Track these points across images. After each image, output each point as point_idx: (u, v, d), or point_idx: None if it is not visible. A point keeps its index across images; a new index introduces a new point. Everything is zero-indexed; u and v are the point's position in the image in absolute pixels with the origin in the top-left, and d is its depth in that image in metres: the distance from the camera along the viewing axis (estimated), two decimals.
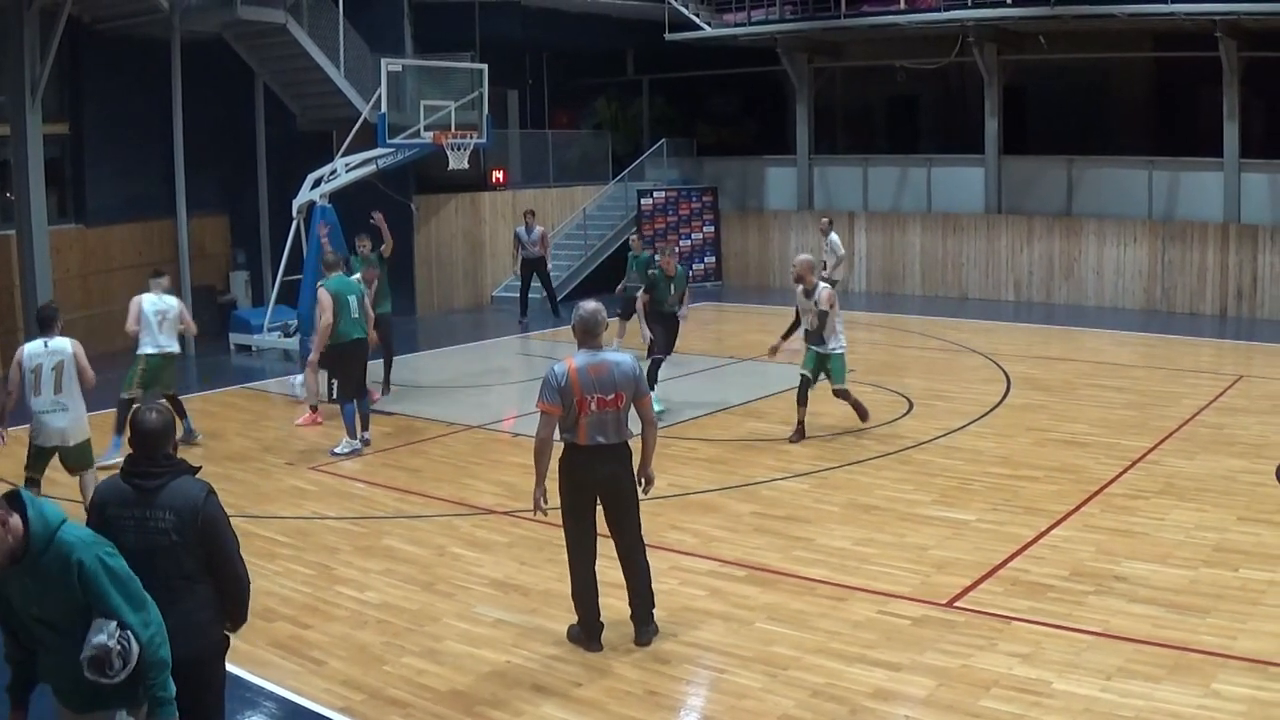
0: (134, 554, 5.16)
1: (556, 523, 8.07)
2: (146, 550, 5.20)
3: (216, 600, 5.41)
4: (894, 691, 7.09)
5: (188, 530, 5.22)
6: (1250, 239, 22.00)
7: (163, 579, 5.21)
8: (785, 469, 12.07)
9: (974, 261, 25.36)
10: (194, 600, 5.30)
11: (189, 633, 5.23)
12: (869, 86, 29.96)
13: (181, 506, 5.23)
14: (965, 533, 9.98)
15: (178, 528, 5.21)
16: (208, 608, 5.35)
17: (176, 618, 5.17)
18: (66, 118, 20.62)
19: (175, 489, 5.27)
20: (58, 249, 18.80)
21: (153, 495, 5.24)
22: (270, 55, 22.25)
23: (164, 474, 5.30)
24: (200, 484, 5.37)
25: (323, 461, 12.95)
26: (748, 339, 19.61)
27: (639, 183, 28.51)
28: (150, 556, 5.20)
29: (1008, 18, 23.44)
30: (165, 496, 5.24)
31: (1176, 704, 6.74)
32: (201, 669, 5.38)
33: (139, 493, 5.27)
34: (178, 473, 5.35)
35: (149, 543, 5.21)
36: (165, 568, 5.23)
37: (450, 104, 19.59)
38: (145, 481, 5.27)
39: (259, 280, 23.62)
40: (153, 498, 5.24)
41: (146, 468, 5.32)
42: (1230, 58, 21.75)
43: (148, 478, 5.28)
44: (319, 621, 8.45)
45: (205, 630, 5.36)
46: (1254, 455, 12.11)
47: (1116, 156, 24.62)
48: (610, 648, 7.83)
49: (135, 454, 5.38)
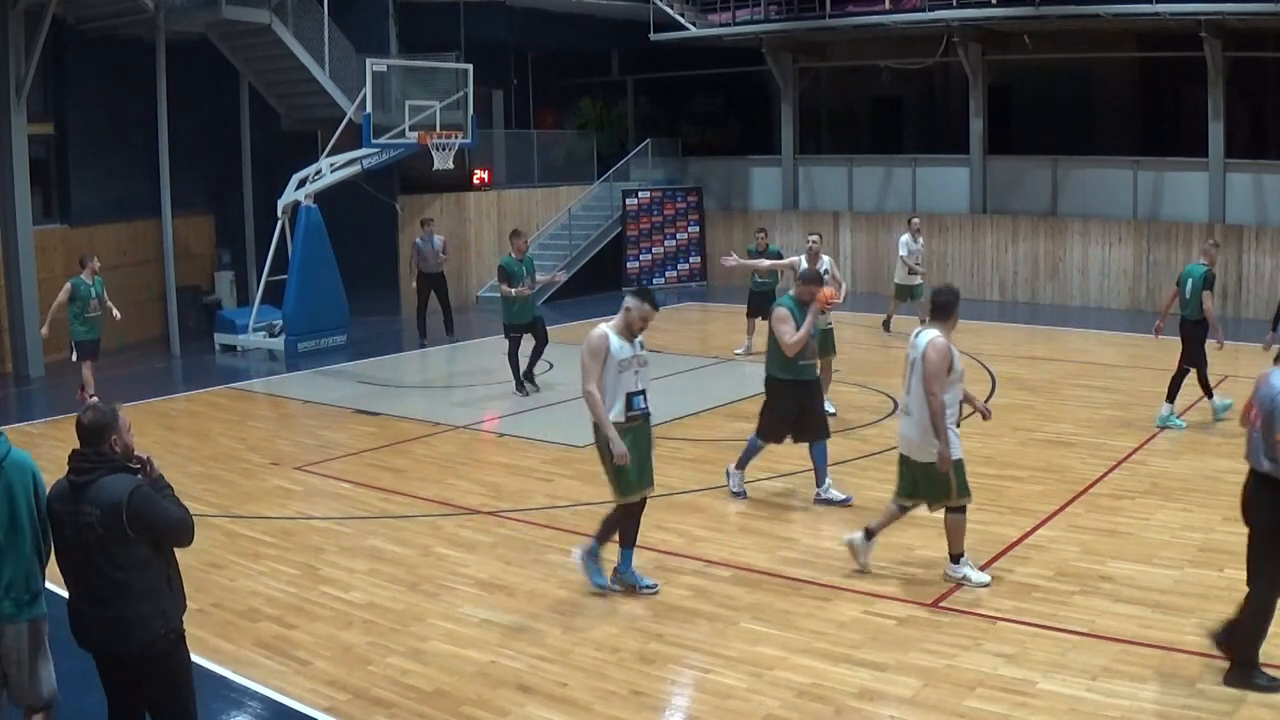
0: (72, 548, 5.36)
1: (542, 522, 8.05)
2: (80, 545, 5.35)
3: (160, 593, 5.44)
4: (879, 691, 7.09)
5: (114, 525, 5.27)
6: (1235, 239, 22.06)
7: (98, 572, 5.33)
8: (770, 469, 12.05)
9: (959, 261, 25.40)
10: (130, 594, 5.36)
11: (128, 626, 5.35)
12: (854, 87, 30.01)
13: (105, 501, 5.29)
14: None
15: (103, 521, 5.28)
16: (147, 601, 5.39)
17: (114, 610, 5.32)
18: (51, 118, 20.53)
19: (103, 484, 5.34)
20: (42, 249, 18.73)
21: (82, 490, 5.35)
22: (255, 55, 22.21)
23: (94, 470, 5.37)
24: (128, 480, 5.40)
25: (305, 461, 12.92)
26: (732, 339, 19.60)
27: (624, 183, 28.52)
28: (84, 550, 5.34)
29: (992, 18, 23.49)
30: (92, 492, 5.33)
31: (1162, 704, 6.75)
32: (146, 662, 5.46)
33: (72, 488, 5.40)
34: (111, 470, 5.40)
35: (80, 537, 5.33)
36: (99, 562, 5.33)
37: (435, 104, 19.59)
38: (77, 477, 5.40)
39: (244, 280, 23.60)
40: (82, 493, 5.35)
41: (78, 463, 5.42)
42: (1215, 58, 21.82)
43: (79, 473, 5.40)
44: (304, 621, 8.43)
45: (145, 623, 5.40)
46: (1239, 455, 12.07)
47: (1101, 156, 24.72)
48: (595, 646, 7.82)
49: (75, 450, 5.48)
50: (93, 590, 5.39)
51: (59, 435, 14.63)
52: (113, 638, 5.42)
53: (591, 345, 8.36)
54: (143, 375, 18.77)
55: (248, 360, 20.02)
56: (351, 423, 15.03)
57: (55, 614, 5.76)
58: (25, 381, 18.15)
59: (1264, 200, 22.31)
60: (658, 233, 28.21)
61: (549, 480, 11.98)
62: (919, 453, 8.65)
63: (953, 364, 8.59)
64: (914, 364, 8.72)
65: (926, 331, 8.79)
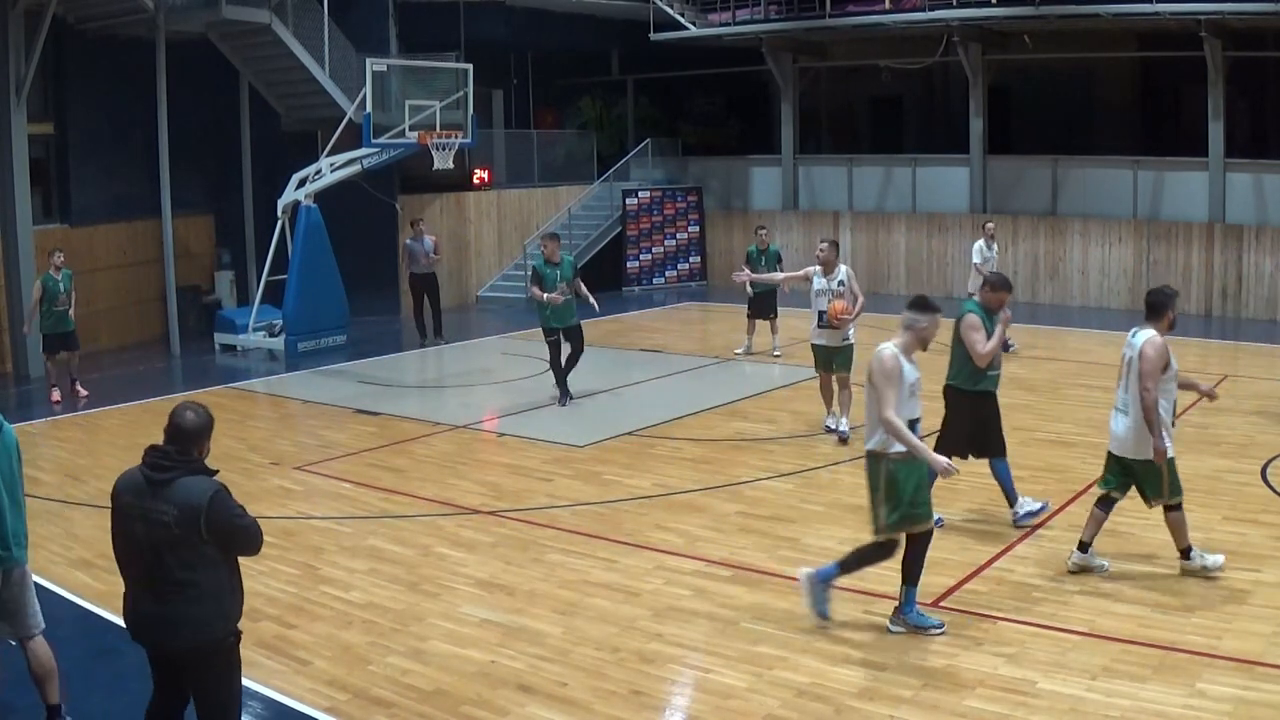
0: (141, 543, 5.39)
1: (542, 522, 8.04)
2: (151, 541, 5.38)
3: (223, 595, 5.50)
4: (879, 691, 7.08)
5: (190, 526, 5.32)
6: (1235, 239, 22.07)
7: (166, 570, 5.37)
8: (770, 469, 12.06)
9: (959, 261, 25.34)
10: (195, 594, 5.41)
11: (189, 624, 5.40)
12: (854, 86, 30.01)
13: (185, 502, 5.34)
14: (951, 532, 9.98)
15: (179, 522, 5.32)
16: (212, 601, 5.45)
17: (177, 608, 5.38)
18: (51, 118, 20.54)
19: (183, 485, 5.39)
20: (42, 249, 18.71)
21: (159, 488, 5.38)
22: (255, 55, 22.21)
23: (174, 469, 5.43)
24: (209, 483, 5.46)
25: (305, 461, 12.93)
26: (732, 339, 19.60)
27: (624, 183, 28.52)
28: (155, 548, 5.38)
29: (992, 18, 23.48)
30: (171, 491, 5.37)
31: (1162, 704, 6.75)
32: (201, 661, 5.52)
33: (149, 484, 5.42)
34: (191, 471, 5.46)
35: (152, 535, 5.37)
36: (168, 561, 5.37)
37: (435, 104, 19.58)
38: (155, 474, 5.42)
39: (244, 280, 23.61)
40: (159, 490, 5.38)
41: (158, 459, 5.46)
42: (1215, 57, 21.82)
43: (158, 470, 5.43)
44: (304, 621, 8.43)
45: (207, 623, 5.46)
46: (1239, 455, 12.15)
47: (1101, 156, 24.72)
48: (595, 646, 7.82)
49: (155, 446, 5.53)
50: (157, 586, 5.44)
51: (59, 435, 14.66)
52: (172, 636, 5.47)
53: (886, 368, 7.75)
54: (143, 375, 18.78)
55: (248, 360, 20.03)
56: (351, 423, 15.03)
57: None
58: (25, 381, 18.15)
59: (1264, 200, 22.30)
60: (658, 232, 28.21)
61: (549, 480, 11.98)
62: (1135, 451, 8.65)
63: (1169, 363, 8.56)
64: (1130, 363, 8.69)
65: (1144, 330, 8.72)
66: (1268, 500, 10.58)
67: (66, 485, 12.04)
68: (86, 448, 13.93)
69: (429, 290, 21.02)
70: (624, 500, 11.21)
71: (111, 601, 8.79)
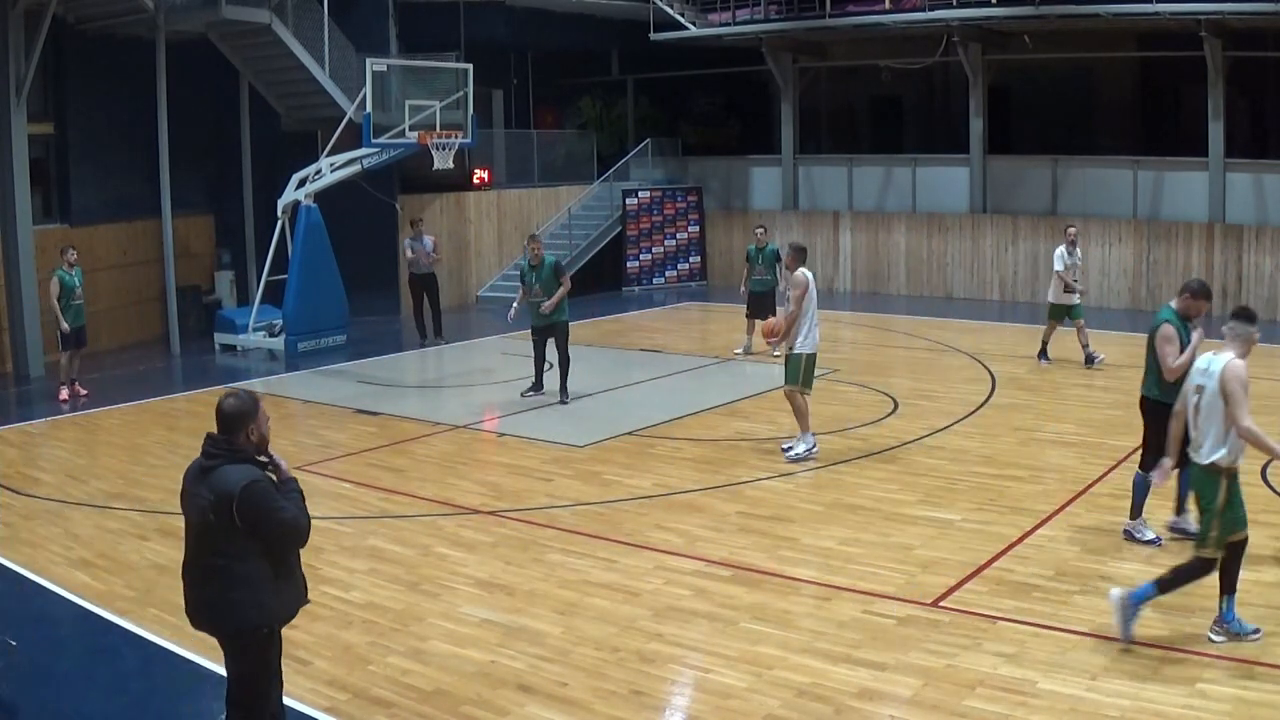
0: (191, 526, 5.61)
1: (542, 522, 8.05)
2: (196, 525, 5.57)
3: (259, 585, 5.58)
4: (879, 691, 7.09)
5: (223, 514, 5.42)
6: (1235, 238, 22.07)
7: (206, 554, 5.55)
8: (770, 469, 12.07)
9: (959, 261, 25.40)
10: (226, 580, 5.52)
11: (221, 609, 5.57)
12: (854, 86, 30.01)
13: (220, 489, 5.44)
14: (950, 532, 9.99)
15: (214, 508, 5.44)
16: (244, 589, 5.54)
17: (207, 592, 5.57)
18: (51, 118, 20.55)
19: (224, 472, 5.49)
20: (42, 249, 18.72)
21: (205, 475, 5.53)
22: (255, 55, 22.21)
23: (220, 456, 5.54)
24: (248, 471, 5.54)
25: (305, 461, 12.93)
26: (732, 339, 19.60)
27: (624, 183, 28.52)
28: (196, 532, 5.57)
29: (992, 18, 23.48)
30: (212, 477, 5.49)
31: (1162, 703, 6.75)
32: (234, 644, 5.69)
33: (201, 471, 5.58)
34: (236, 459, 5.55)
35: (197, 519, 5.54)
36: (207, 544, 5.53)
37: (435, 104, 19.59)
38: (206, 461, 5.57)
39: (244, 280, 23.61)
40: (204, 477, 5.52)
41: (209, 448, 5.59)
42: (1215, 57, 21.82)
43: (209, 457, 5.57)
44: (304, 621, 8.37)
45: (238, 610, 5.57)
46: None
47: (1101, 156, 24.72)
48: (595, 646, 7.82)
49: (210, 434, 5.66)
50: (194, 569, 5.64)
51: (60, 435, 14.65)
52: (203, 618, 5.69)
53: (1242, 377, 7.49)
54: (143, 375, 18.79)
55: (248, 360, 20.03)
56: (351, 422, 15.03)
57: None
58: (25, 381, 18.14)
59: (1264, 200, 22.31)
60: (658, 232, 28.21)
61: (549, 480, 11.98)
62: None
63: None
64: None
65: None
66: (1268, 500, 10.58)
67: (66, 485, 12.01)
68: (86, 448, 13.90)
69: (429, 290, 21.04)
70: (624, 500, 11.22)
71: (111, 601, 8.83)
